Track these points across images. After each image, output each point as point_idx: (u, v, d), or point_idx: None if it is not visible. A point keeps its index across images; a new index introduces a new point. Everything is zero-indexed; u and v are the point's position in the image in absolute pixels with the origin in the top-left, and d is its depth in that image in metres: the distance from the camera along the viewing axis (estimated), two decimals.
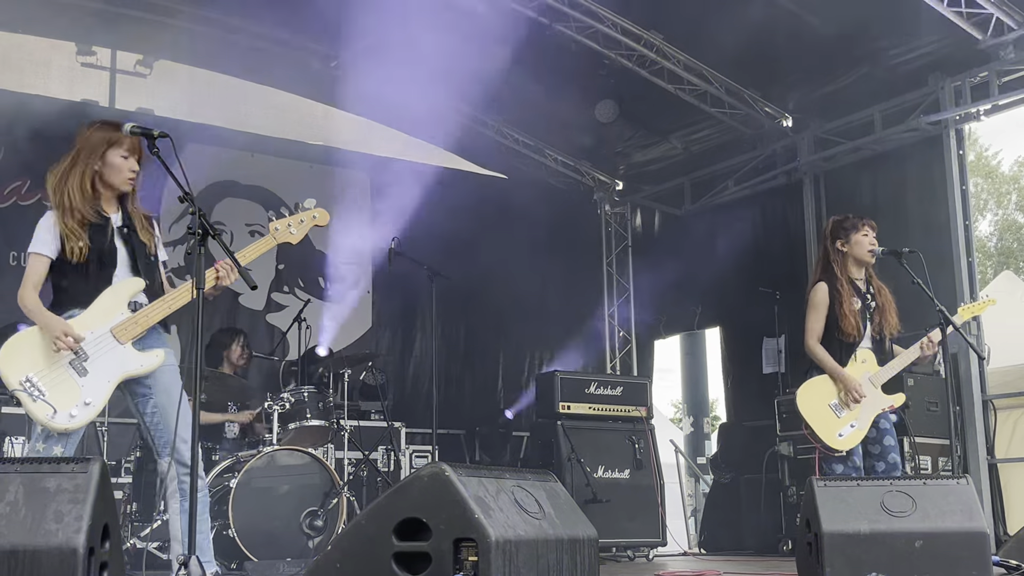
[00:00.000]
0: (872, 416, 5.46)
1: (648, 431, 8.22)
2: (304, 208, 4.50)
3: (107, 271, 4.22)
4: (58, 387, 4.00)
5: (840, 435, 5.38)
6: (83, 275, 4.19)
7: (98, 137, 4.27)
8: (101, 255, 4.19)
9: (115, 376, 4.13)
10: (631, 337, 11.26)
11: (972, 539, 4.31)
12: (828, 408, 5.42)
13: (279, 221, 4.43)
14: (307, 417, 6.83)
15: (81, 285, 4.17)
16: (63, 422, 3.98)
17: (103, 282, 4.20)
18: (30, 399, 3.94)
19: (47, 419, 3.96)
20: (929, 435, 7.48)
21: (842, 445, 5.38)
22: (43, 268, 4.19)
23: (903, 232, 7.64)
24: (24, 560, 2.98)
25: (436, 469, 3.30)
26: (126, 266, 4.26)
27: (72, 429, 4.03)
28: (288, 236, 4.43)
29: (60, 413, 3.97)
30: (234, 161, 9.45)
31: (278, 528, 6.26)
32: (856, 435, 5.41)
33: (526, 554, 3.28)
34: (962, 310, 5.74)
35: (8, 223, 8.09)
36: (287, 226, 4.42)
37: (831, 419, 5.41)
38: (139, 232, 4.34)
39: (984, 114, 8.10)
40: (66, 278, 4.19)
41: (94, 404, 4.06)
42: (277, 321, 9.33)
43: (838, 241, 5.65)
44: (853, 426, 5.40)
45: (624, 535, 7.81)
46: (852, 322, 5.48)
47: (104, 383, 4.09)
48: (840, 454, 5.39)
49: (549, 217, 10.57)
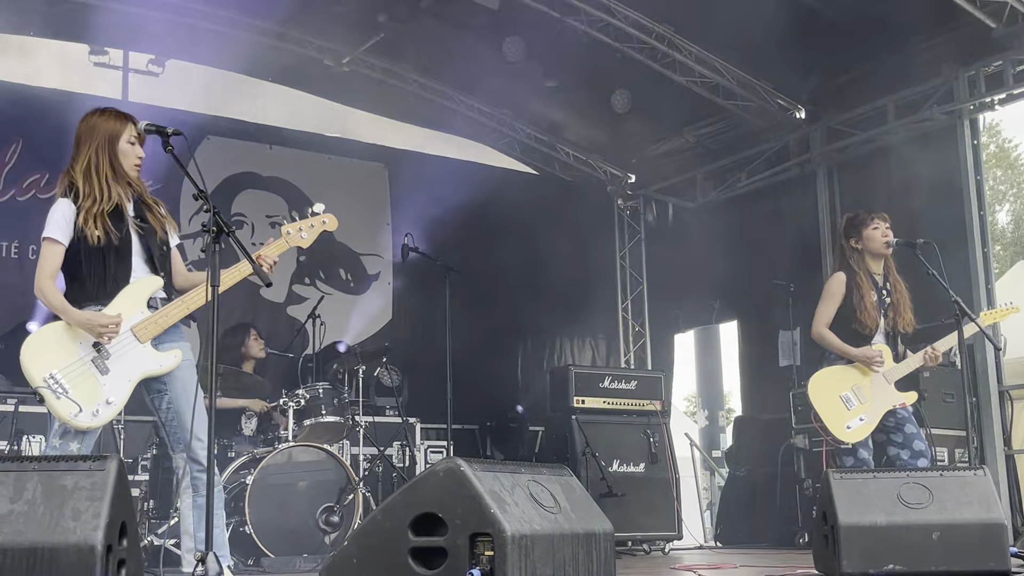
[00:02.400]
0: (883, 411, 5.45)
1: (663, 425, 8.22)
2: (314, 213, 4.50)
3: (123, 262, 4.18)
4: (81, 385, 4.00)
5: (848, 427, 5.38)
6: (99, 266, 4.14)
7: (107, 125, 4.23)
8: (116, 245, 4.16)
9: (135, 375, 4.14)
10: (645, 331, 11.25)
11: (990, 530, 4.30)
12: (839, 399, 5.42)
13: (291, 224, 4.43)
14: (322, 413, 6.85)
15: (97, 277, 4.14)
16: (86, 420, 3.99)
17: (120, 274, 4.17)
18: (54, 396, 3.95)
19: (70, 417, 3.96)
20: (945, 426, 7.45)
21: (849, 437, 5.37)
22: (58, 256, 4.13)
23: (918, 223, 7.59)
24: (43, 558, 3.00)
25: (451, 464, 3.30)
26: (140, 257, 4.24)
27: (95, 427, 4.04)
28: (299, 240, 4.43)
29: (84, 411, 3.98)
30: (253, 153, 9.50)
31: (294, 524, 6.29)
32: (864, 428, 5.39)
33: (542, 548, 3.28)
34: (984, 316, 5.72)
35: (27, 217, 8.11)
36: (298, 230, 4.43)
37: (841, 411, 5.40)
38: (151, 220, 4.31)
39: (999, 103, 8.06)
40: (81, 269, 4.14)
41: (116, 403, 4.07)
42: (297, 313, 9.35)
43: (851, 239, 5.67)
44: (862, 419, 5.39)
45: (640, 529, 7.81)
46: (871, 315, 5.49)
47: (125, 382, 4.11)
48: (847, 446, 5.38)
49: (562, 211, 10.57)
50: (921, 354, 5.50)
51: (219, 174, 9.15)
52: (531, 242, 10.04)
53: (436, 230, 8.96)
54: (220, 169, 9.17)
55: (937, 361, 5.50)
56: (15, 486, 3.12)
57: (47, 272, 4.11)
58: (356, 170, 10.07)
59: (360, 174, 10.08)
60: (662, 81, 9.14)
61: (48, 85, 8.63)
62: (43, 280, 4.10)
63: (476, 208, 9.54)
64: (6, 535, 3.03)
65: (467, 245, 9.27)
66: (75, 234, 4.12)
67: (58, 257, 4.13)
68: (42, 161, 8.24)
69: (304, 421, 6.82)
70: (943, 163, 8.31)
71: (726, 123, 9.94)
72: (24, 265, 8.09)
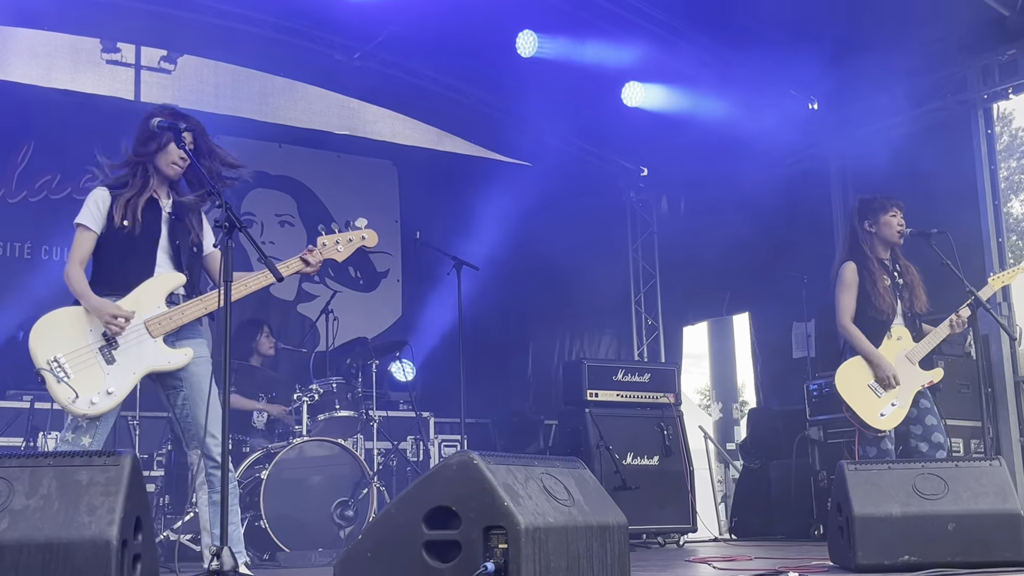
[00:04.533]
0: (912, 393, 5.41)
1: (677, 417, 8.20)
2: (355, 227, 4.50)
3: (147, 255, 4.24)
4: (84, 372, 4.02)
5: (882, 415, 5.34)
6: (122, 255, 4.20)
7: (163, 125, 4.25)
8: (142, 236, 4.21)
9: (140, 369, 4.16)
10: (658, 323, 11.23)
11: (1006, 521, 4.28)
12: (867, 388, 5.38)
13: (327, 237, 4.45)
14: (336, 408, 6.87)
15: (122, 266, 4.19)
16: (83, 407, 4.00)
17: (145, 266, 4.22)
18: (54, 379, 3.98)
19: (68, 402, 3.99)
20: (961, 417, 7.41)
21: (885, 424, 5.33)
22: (90, 243, 4.20)
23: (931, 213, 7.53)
24: (58, 552, 3.01)
25: (465, 457, 3.30)
26: (167, 253, 4.29)
27: (91, 416, 4.04)
28: (334, 253, 4.45)
29: (81, 398, 4.00)
30: (262, 152, 9.49)
31: (309, 518, 6.31)
32: (898, 413, 5.36)
33: (556, 541, 3.28)
34: (993, 279, 5.64)
35: (39, 217, 8.13)
36: (335, 243, 4.45)
37: (872, 399, 5.36)
38: (187, 222, 4.36)
39: (1013, 92, 8.00)
40: (107, 257, 4.21)
41: (116, 394, 4.08)
42: (307, 311, 9.37)
43: (866, 222, 5.60)
44: (894, 404, 5.36)
45: (654, 521, 7.81)
46: (887, 299, 5.45)
47: (129, 375, 4.12)
48: (883, 434, 5.35)
49: (574, 205, 10.54)
50: (946, 323, 5.44)
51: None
52: (544, 237, 10.03)
53: (446, 226, 8.95)
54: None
55: (964, 326, 5.44)
56: (30, 482, 3.14)
57: (77, 258, 4.20)
58: (365, 168, 10.07)
59: (369, 172, 10.08)
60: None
61: (59, 86, 8.64)
62: (72, 265, 4.19)
63: (486, 203, 9.54)
64: (22, 530, 3.05)
65: (478, 240, 9.25)
66: (106, 221, 4.20)
67: (89, 243, 4.21)
68: (54, 162, 8.24)
69: (318, 416, 6.84)
70: (957, 153, 8.26)
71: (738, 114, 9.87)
72: (37, 265, 8.10)
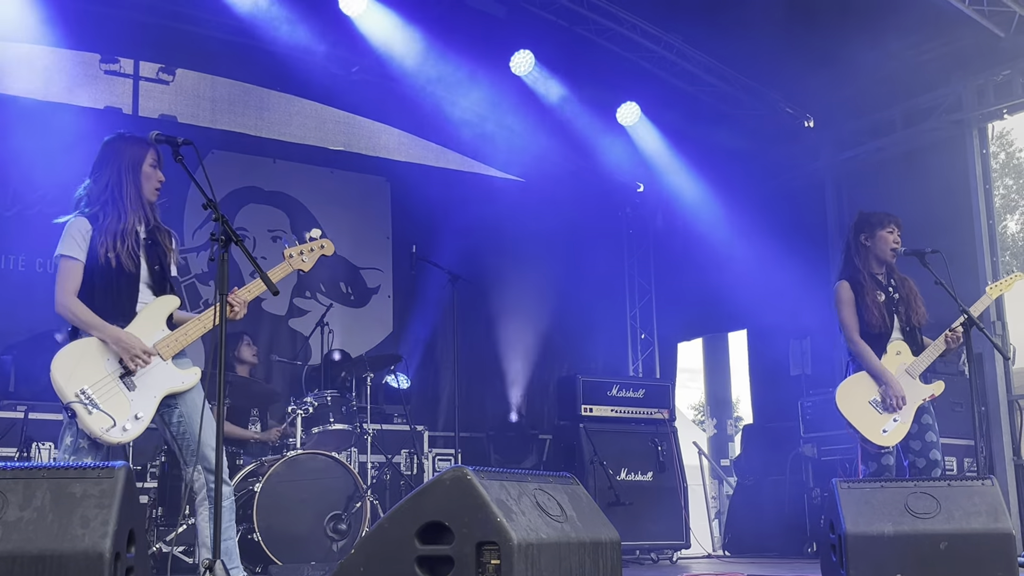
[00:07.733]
0: (914, 408, 5.39)
1: (671, 433, 8.20)
2: (312, 238, 4.58)
3: (132, 284, 4.26)
4: (110, 400, 4.06)
5: (884, 431, 5.32)
6: (111, 285, 4.21)
7: (131, 148, 4.32)
8: (128, 266, 4.22)
9: (160, 391, 4.20)
10: (653, 339, 11.23)
11: (998, 540, 4.29)
12: (869, 405, 5.35)
13: (292, 248, 4.52)
14: (330, 421, 6.87)
15: (108, 296, 4.20)
16: (117, 435, 4.04)
17: (128, 295, 4.24)
18: (86, 411, 3.99)
19: (103, 432, 4.00)
20: (954, 435, 7.41)
21: (887, 441, 5.31)
22: (78, 272, 4.18)
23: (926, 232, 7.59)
24: (51, 565, 3.01)
25: (458, 472, 3.30)
26: (147, 280, 4.31)
27: (124, 442, 4.11)
28: (300, 264, 4.52)
29: (116, 426, 4.04)
30: (256, 167, 9.51)
31: (302, 532, 6.29)
32: (900, 429, 5.34)
33: (548, 557, 3.28)
34: (990, 289, 5.65)
35: (36, 231, 8.13)
36: (299, 253, 4.51)
37: (873, 416, 5.34)
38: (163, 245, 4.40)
39: (1007, 112, 8.05)
40: (93, 288, 4.20)
41: (144, 418, 4.13)
42: (299, 326, 9.36)
43: (862, 235, 5.61)
44: (896, 420, 5.33)
45: (647, 537, 7.80)
46: (876, 313, 5.45)
47: (151, 398, 4.17)
48: (887, 450, 5.34)
49: (569, 219, 10.56)
50: (942, 338, 5.43)
51: (223, 188, 9.14)
52: (539, 251, 10.04)
53: (440, 241, 8.95)
54: (223, 183, 9.13)
55: (959, 343, 5.44)
56: (24, 493, 3.14)
57: (69, 289, 4.17)
58: (358, 184, 10.06)
59: (362, 188, 10.07)
60: (670, 90, 9.14)
61: (57, 100, 8.65)
62: (66, 297, 4.16)
63: (481, 218, 9.55)
64: (15, 542, 3.04)
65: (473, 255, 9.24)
66: (89, 252, 4.20)
67: (78, 274, 4.19)
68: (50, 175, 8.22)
69: (312, 429, 6.83)
70: (951, 172, 8.30)
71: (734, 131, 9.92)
72: (32, 278, 8.10)
